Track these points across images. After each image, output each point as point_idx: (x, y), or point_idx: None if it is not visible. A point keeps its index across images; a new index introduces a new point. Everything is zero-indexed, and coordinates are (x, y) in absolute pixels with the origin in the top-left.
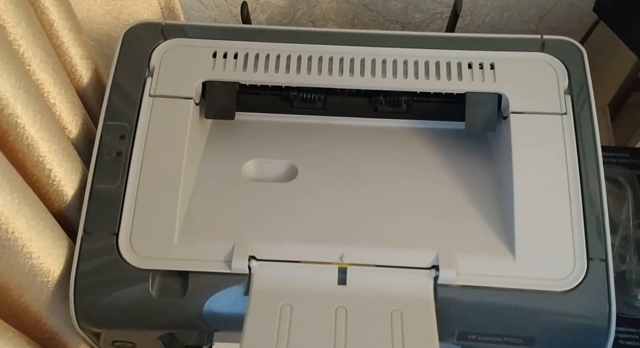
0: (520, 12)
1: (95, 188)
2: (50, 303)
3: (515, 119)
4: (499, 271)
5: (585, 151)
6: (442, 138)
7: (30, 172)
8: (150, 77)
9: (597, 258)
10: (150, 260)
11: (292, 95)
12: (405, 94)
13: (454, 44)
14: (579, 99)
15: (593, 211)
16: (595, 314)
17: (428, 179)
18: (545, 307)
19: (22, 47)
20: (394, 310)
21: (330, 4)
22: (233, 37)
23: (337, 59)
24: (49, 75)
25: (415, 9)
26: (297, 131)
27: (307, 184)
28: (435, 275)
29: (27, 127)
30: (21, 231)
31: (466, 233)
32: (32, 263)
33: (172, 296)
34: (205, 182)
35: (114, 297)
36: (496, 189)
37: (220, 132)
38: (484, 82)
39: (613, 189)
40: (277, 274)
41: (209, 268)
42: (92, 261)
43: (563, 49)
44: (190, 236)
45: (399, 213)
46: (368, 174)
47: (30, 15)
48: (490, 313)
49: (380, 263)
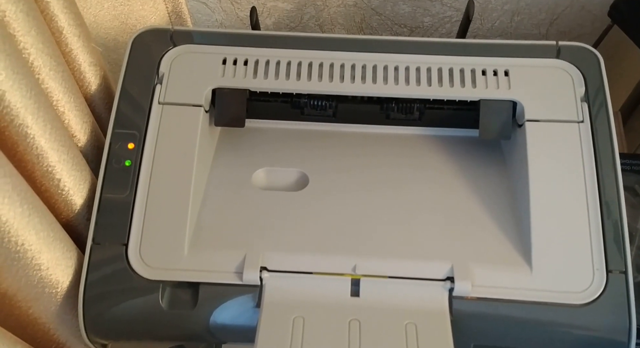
0: (531, 16)
1: (105, 198)
2: (58, 314)
3: (531, 127)
4: (516, 283)
5: (603, 159)
6: (455, 145)
7: (40, 182)
8: (160, 84)
9: (617, 270)
10: (160, 271)
11: (303, 102)
12: (417, 101)
13: (467, 50)
14: (596, 106)
15: (611, 221)
16: (614, 328)
17: (441, 188)
18: (563, 321)
19: (32, 55)
20: (409, 322)
21: (338, 8)
22: (243, 43)
23: (349, 65)
24: (58, 83)
25: (424, 12)
26: (307, 139)
27: (318, 193)
28: (450, 286)
29: (37, 137)
30: (31, 243)
31: (481, 243)
32: (41, 275)
33: (182, 308)
34: (215, 191)
35: (123, 308)
36: (511, 198)
37: (230, 140)
38: (499, 90)
39: (629, 198)
40: (289, 285)
41: (219, 279)
42: (101, 271)
43: (579, 55)
44: (200, 246)
45: (413, 223)
46: (380, 182)
47: (40, 23)
48: (506, 326)
49: (394, 274)
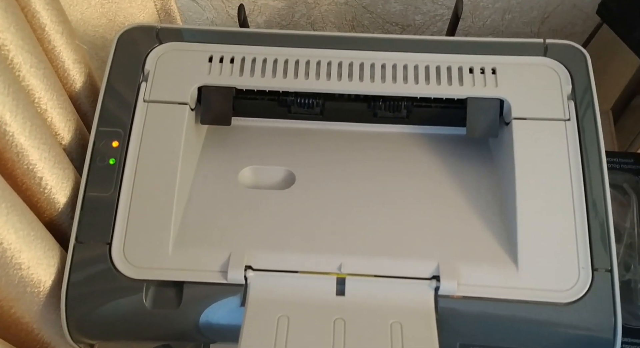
0: (522, 14)
1: (88, 196)
2: (42, 314)
3: (518, 125)
4: (502, 282)
5: (589, 157)
6: (442, 143)
7: (20, 180)
8: (145, 82)
9: (602, 269)
10: (144, 270)
11: (290, 100)
12: (405, 99)
13: (454, 48)
14: (583, 104)
15: (598, 219)
16: (600, 326)
17: (428, 187)
18: (549, 319)
19: (11, 52)
20: (394, 321)
21: (329, 6)
22: (229, 41)
23: (336, 63)
24: (40, 81)
25: (415, 11)
26: (294, 137)
27: (304, 191)
28: (436, 285)
29: (16, 135)
30: (10, 241)
31: (468, 242)
32: (22, 274)
33: (166, 307)
34: (201, 189)
35: (106, 308)
36: (498, 197)
37: (216, 138)
38: (486, 88)
39: (617, 196)
40: (274, 284)
41: (204, 278)
42: (84, 271)
43: (566, 53)
44: (185, 245)
45: (399, 222)
46: (367, 181)
47: (19, 20)
48: (492, 325)
49: (380, 273)
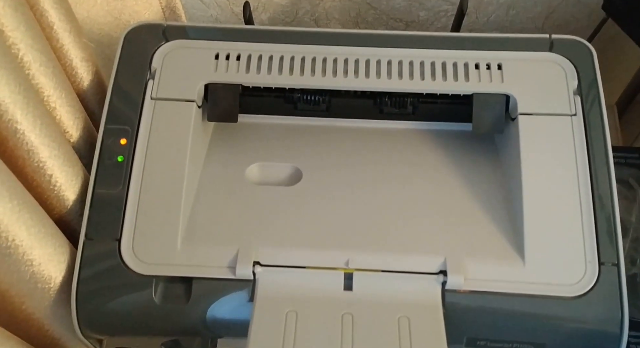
0: (527, 9)
1: (97, 193)
2: (52, 310)
3: (524, 121)
4: (508, 276)
5: (596, 152)
6: (448, 139)
7: (31, 178)
8: (152, 79)
9: (609, 263)
10: (153, 266)
11: (296, 97)
12: (410, 95)
13: (460, 44)
14: (589, 99)
15: (604, 214)
16: (607, 320)
17: (434, 182)
18: (555, 313)
19: (21, 51)
20: (402, 316)
21: (333, 3)
22: (235, 38)
23: (342, 60)
24: (49, 79)
25: (419, 6)
26: (301, 134)
27: (311, 187)
28: (443, 280)
29: (26, 132)
30: (21, 238)
31: (474, 237)
32: (33, 271)
33: (175, 303)
34: (208, 186)
35: (116, 304)
36: (504, 192)
37: (223, 135)
38: (492, 83)
39: (623, 191)
40: (282, 280)
41: (212, 274)
42: (94, 267)
43: (572, 48)
44: (193, 241)
45: (406, 217)
46: (373, 177)
47: (29, 19)
48: (499, 319)
49: (387, 268)
